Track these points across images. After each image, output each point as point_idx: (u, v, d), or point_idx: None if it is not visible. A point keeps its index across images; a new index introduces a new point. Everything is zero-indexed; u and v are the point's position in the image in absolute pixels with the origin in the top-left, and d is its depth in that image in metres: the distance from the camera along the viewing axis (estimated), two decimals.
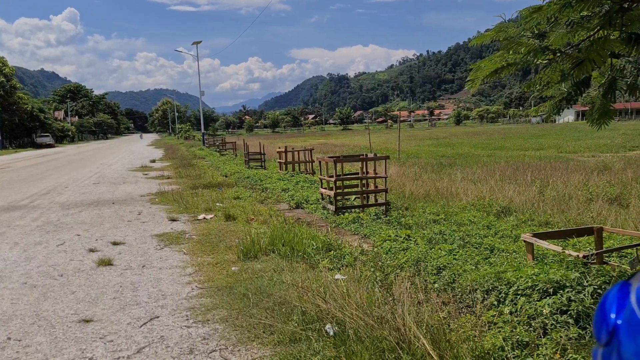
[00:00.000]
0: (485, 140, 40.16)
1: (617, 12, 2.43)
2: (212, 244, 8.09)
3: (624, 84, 3.82)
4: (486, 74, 2.90)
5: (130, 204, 13.21)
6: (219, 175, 19.56)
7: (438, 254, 6.20)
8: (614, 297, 0.59)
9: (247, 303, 5.22)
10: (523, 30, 3.01)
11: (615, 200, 10.40)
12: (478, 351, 3.75)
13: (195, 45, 53.15)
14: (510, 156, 23.41)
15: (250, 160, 23.30)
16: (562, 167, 16.63)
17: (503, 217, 9.13)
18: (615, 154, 23.25)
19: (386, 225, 8.79)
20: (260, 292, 5.46)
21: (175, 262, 7.19)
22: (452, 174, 16.06)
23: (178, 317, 5.08)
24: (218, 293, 5.70)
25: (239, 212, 10.49)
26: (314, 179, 15.36)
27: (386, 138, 50.10)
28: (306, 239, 7.23)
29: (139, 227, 9.96)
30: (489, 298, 4.70)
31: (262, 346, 4.30)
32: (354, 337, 4.08)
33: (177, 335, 4.61)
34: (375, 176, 11.08)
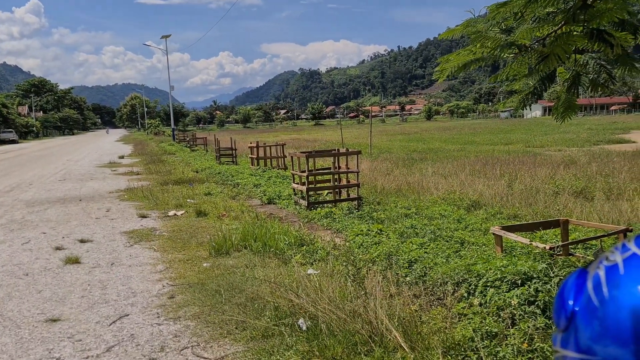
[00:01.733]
0: (455, 135, 40.68)
1: (580, 8, 2.49)
2: (183, 241, 8.00)
3: (587, 79, 3.91)
4: (455, 66, 2.94)
5: (98, 200, 12.95)
6: (190, 171, 19.33)
7: (409, 247, 6.26)
8: (572, 284, 0.60)
9: (219, 299, 5.18)
10: (491, 26, 3.05)
11: (581, 193, 10.66)
12: (448, 342, 3.81)
13: (164, 39, 52.33)
14: (480, 151, 23.77)
15: (221, 156, 23.09)
16: (530, 161, 16.96)
17: (473, 211, 9.27)
18: (581, 148, 23.85)
19: (358, 219, 8.82)
20: (232, 288, 5.42)
21: (146, 259, 7.08)
22: (423, 168, 16.22)
23: (148, 314, 5.01)
24: (189, 290, 5.64)
25: (210, 208, 10.39)
26: (286, 174, 15.33)
27: (358, 133, 50.30)
28: (278, 234, 7.22)
29: (107, 224, 9.78)
30: (459, 290, 4.77)
31: (234, 342, 4.28)
32: (326, 331, 4.10)
33: (148, 333, 4.55)
34: (347, 171, 11.11)
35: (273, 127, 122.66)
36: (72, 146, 51.97)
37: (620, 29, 3.29)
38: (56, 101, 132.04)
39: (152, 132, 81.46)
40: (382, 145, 29.66)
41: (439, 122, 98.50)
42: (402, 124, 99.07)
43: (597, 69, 3.84)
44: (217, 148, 23.50)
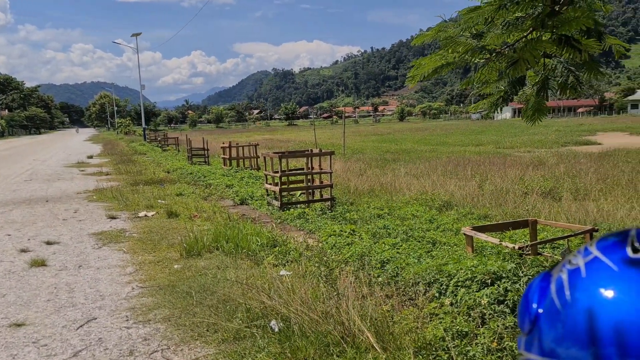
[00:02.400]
0: (427, 136, 41.12)
1: (549, 15, 2.54)
2: (153, 242, 7.88)
3: (555, 83, 3.98)
4: (426, 71, 2.96)
5: (65, 201, 12.66)
6: (161, 172, 19.06)
7: (382, 248, 6.30)
8: (536, 287, 0.61)
9: (190, 301, 5.12)
10: (462, 31, 3.08)
11: (549, 193, 10.89)
12: (420, 342, 3.84)
13: (134, 37, 51.51)
14: (452, 152, 24.08)
15: (193, 156, 22.84)
16: (500, 162, 17.24)
17: (445, 211, 9.38)
18: (549, 149, 24.36)
19: (331, 220, 8.84)
20: (203, 290, 5.36)
21: (115, 261, 6.95)
22: (396, 169, 16.34)
23: (117, 318, 4.91)
24: (160, 292, 5.55)
25: (181, 209, 10.26)
26: (259, 175, 15.25)
27: (331, 133, 50.40)
28: (251, 235, 7.17)
29: (75, 225, 9.56)
30: (430, 290, 4.82)
31: (205, 345, 4.23)
32: (298, 332, 4.09)
33: (116, 337, 4.46)
34: (320, 172, 11.12)
35: (246, 127, 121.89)
36: (39, 145, 50.68)
37: (587, 35, 3.38)
38: (22, 99, 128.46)
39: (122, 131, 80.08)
40: (355, 146, 29.79)
41: (412, 123, 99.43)
42: (375, 125, 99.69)
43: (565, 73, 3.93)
44: (189, 148, 23.24)
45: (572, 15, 2.56)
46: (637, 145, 23.28)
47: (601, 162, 15.93)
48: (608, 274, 0.55)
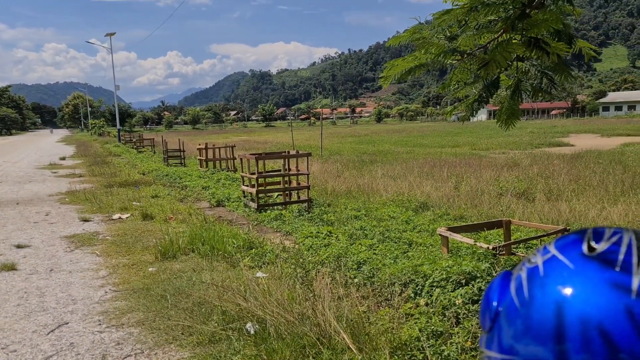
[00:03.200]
0: (404, 138, 41.42)
1: (519, 18, 2.58)
2: (127, 245, 7.76)
3: (528, 85, 4.04)
4: (399, 72, 2.98)
5: (37, 204, 12.39)
6: (136, 173, 18.80)
7: (358, 249, 6.31)
8: (496, 285, 0.62)
9: (165, 304, 5.05)
10: (437, 33, 3.11)
11: (523, 194, 11.06)
12: (396, 342, 3.86)
13: (108, 36, 50.75)
14: (428, 153, 24.30)
15: (169, 158, 22.60)
16: (476, 163, 17.46)
17: (421, 212, 9.45)
18: (523, 151, 24.75)
19: (308, 222, 8.83)
20: (178, 293, 5.30)
21: (87, 265, 6.82)
22: (373, 170, 16.42)
23: (90, 322, 4.82)
24: (134, 295, 5.47)
25: (157, 211, 10.14)
26: (236, 177, 15.17)
27: (309, 135, 50.42)
28: (227, 237, 7.12)
29: (46, 228, 9.36)
30: (406, 291, 4.85)
31: (180, 348, 4.18)
32: (274, 334, 4.07)
33: (89, 342, 4.38)
34: (297, 173, 11.10)
35: (223, 128, 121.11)
36: (9, 146, 49.53)
37: (557, 38, 3.44)
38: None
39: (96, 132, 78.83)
40: (332, 147, 29.84)
41: (389, 125, 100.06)
42: (352, 126, 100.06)
43: (537, 75, 4.00)
44: (164, 149, 23.00)
45: (541, 18, 2.61)
46: (608, 147, 23.83)
47: (573, 164, 16.24)
48: (565, 271, 0.56)
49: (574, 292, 0.54)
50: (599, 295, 0.52)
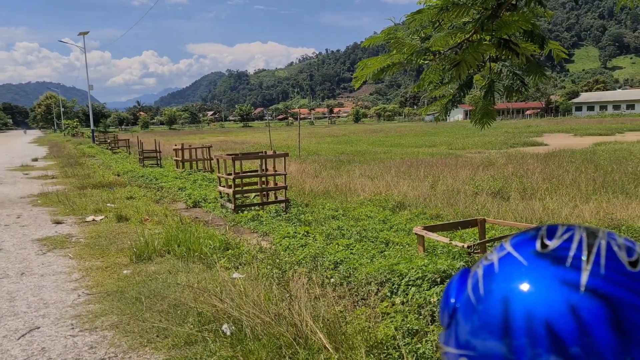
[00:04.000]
0: (382, 138, 41.64)
1: (489, 18, 2.62)
2: (101, 247, 7.64)
3: (501, 86, 4.10)
4: (372, 72, 3.00)
5: (7, 206, 12.11)
6: (111, 175, 18.52)
7: (335, 249, 6.32)
8: (455, 283, 0.63)
9: (140, 307, 4.99)
10: (410, 33, 3.13)
11: (498, 193, 11.21)
12: (372, 341, 3.87)
13: (82, 35, 49.90)
14: (405, 153, 24.46)
15: (144, 159, 22.33)
16: (452, 163, 17.64)
17: (398, 212, 9.51)
18: (499, 150, 25.10)
19: (286, 222, 8.82)
20: (154, 295, 5.24)
21: (60, 268, 6.70)
22: (351, 170, 16.47)
23: (62, 326, 4.74)
24: (108, 298, 5.39)
25: (132, 213, 10.00)
26: (213, 177, 15.06)
27: (287, 135, 50.34)
28: (203, 238, 7.07)
29: (17, 231, 9.16)
30: (382, 290, 4.87)
31: (155, 351, 4.13)
32: (251, 335, 4.05)
33: (61, 346, 4.30)
34: (274, 173, 11.07)
35: (200, 128, 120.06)
36: None
37: (530, 39, 3.49)
38: None
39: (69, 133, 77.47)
40: (310, 148, 29.85)
41: (367, 125, 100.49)
42: (330, 127, 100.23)
43: (510, 76, 4.06)
44: (140, 150, 22.70)
45: (511, 19, 2.65)
46: (580, 146, 24.31)
47: (547, 163, 16.54)
48: (518, 268, 0.57)
49: (525, 289, 0.55)
50: (548, 292, 0.54)
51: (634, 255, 0.56)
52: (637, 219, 7.51)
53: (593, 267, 0.54)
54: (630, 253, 0.56)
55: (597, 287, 0.53)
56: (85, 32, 49.71)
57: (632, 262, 0.55)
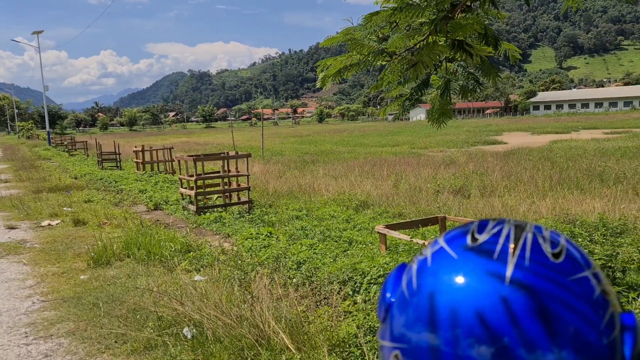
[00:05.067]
0: (346, 138, 41.84)
1: (442, 20, 2.67)
2: (57, 252, 7.42)
3: (457, 85, 4.17)
4: (333, 72, 3.01)
5: None
6: (68, 178, 18.01)
7: (299, 249, 6.31)
8: (391, 277, 0.64)
9: (97, 313, 4.87)
10: (368, 34, 3.16)
11: (459, 191, 11.41)
12: (334, 340, 3.89)
13: (36, 34, 48.36)
14: (369, 152, 24.65)
15: (103, 161, 21.81)
16: (415, 162, 17.86)
17: (361, 211, 9.57)
18: (460, 149, 25.56)
19: (249, 223, 8.76)
20: (112, 300, 5.12)
21: (13, 275, 6.46)
22: (315, 170, 16.48)
23: (15, 334, 4.57)
24: (64, 305, 5.23)
25: (90, 217, 9.75)
26: (174, 179, 14.83)
27: (250, 136, 50.04)
28: (164, 241, 6.95)
29: None
30: (345, 289, 4.89)
31: (113, 357, 4.04)
32: (212, 338, 4.01)
33: (14, 355, 4.15)
34: (237, 174, 10.98)
35: (162, 130, 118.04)
36: None
37: (484, 41, 3.58)
38: None
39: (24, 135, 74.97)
40: (274, 148, 29.76)
41: (331, 125, 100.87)
42: (294, 127, 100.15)
43: (465, 76, 4.14)
44: (99, 152, 22.16)
45: (465, 21, 2.71)
46: (538, 144, 25.02)
47: (506, 161, 16.93)
48: (449, 261, 0.58)
49: (455, 281, 0.56)
50: (478, 284, 0.55)
51: (557, 248, 0.57)
52: (590, 214, 7.77)
53: (518, 260, 0.55)
54: (554, 245, 0.58)
55: (521, 279, 0.54)
56: (40, 31, 48.22)
57: (555, 254, 0.57)
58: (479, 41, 3.70)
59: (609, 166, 13.58)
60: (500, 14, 3.99)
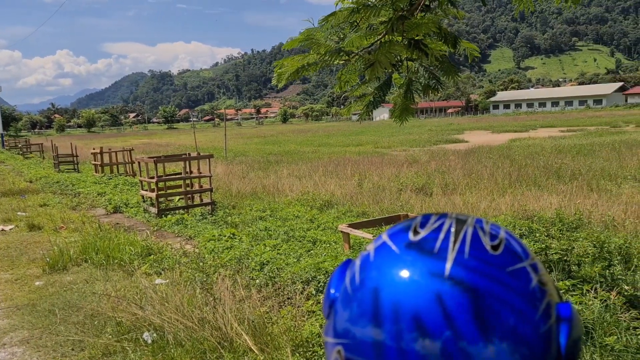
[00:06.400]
0: (310, 138, 41.84)
1: (398, 20, 2.69)
2: (11, 258, 7.15)
3: (418, 84, 4.21)
4: (290, 71, 3.00)
5: None
6: (22, 181, 17.40)
7: (262, 250, 6.27)
8: (336, 273, 0.63)
9: (53, 320, 4.71)
10: (329, 35, 3.16)
11: (421, 189, 11.55)
12: (297, 340, 3.87)
13: None
14: (333, 152, 24.71)
15: (60, 163, 21.18)
16: (378, 161, 18.00)
17: (325, 210, 9.58)
18: (422, 148, 25.90)
19: (212, 225, 8.65)
20: (69, 307, 4.97)
21: None
22: (279, 170, 16.42)
23: None
24: (18, 313, 5.05)
25: (45, 221, 9.44)
26: (135, 181, 14.52)
27: (213, 136, 49.50)
28: (123, 244, 6.79)
29: None
30: (308, 288, 4.88)
31: None
32: (173, 342, 3.93)
33: None
34: (199, 175, 10.83)
35: (122, 131, 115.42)
36: None
37: (444, 40, 3.62)
38: None
39: None
40: (238, 149, 29.53)
41: (295, 125, 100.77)
42: (258, 127, 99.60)
43: (426, 75, 4.19)
44: (55, 155, 21.52)
45: (421, 21, 2.73)
46: (497, 143, 25.59)
47: (467, 159, 17.24)
48: (391, 256, 0.58)
49: (395, 277, 0.56)
50: (416, 280, 0.54)
51: (496, 240, 0.58)
52: (548, 210, 7.99)
53: (457, 255, 0.55)
54: (493, 238, 0.58)
55: (459, 275, 0.54)
56: None
57: (494, 246, 0.57)
58: (437, 40, 3.75)
59: (565, 163, 14.00)
60: (459, 13, 4.06)
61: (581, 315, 3.85)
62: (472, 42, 3.95)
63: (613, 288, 4.34)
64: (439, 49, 3.10)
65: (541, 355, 0.54)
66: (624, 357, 3.43)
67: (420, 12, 3.44)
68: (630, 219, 7.05)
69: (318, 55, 2.84)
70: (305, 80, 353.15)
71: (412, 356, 0.52)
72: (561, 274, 4.93)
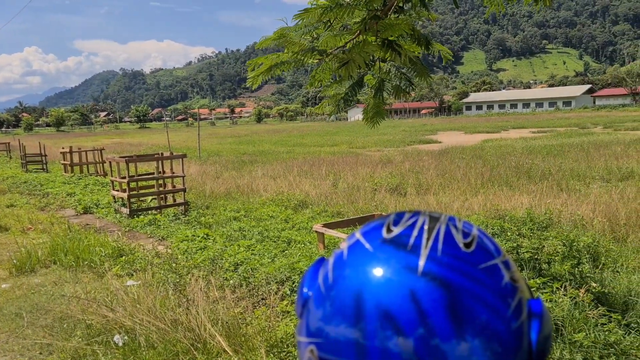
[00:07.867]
0: (285, 138, 41.74)
1: (372, 19, 2.70)
2: None
3: (390, 85, 4.23)
4: (263, 70, 2.98)
5: None
6: None
7: (236, 250, 6.23)
8: (310, 272, 0.63)
9: (20, 323, 4.59)
10: (303, 34, 3.14)
11: (396, 189, 11.64)
12: (272, 340, 3.85)
13: None
14: (308, 152, 24.69)
15: (28, 163, 20.68)
16: (352, 161, 18.06)
17: (300, 210, 9.56)
18: (397, 148, 26.10)
19: (185, 225, 8.56)
20: (36, 310, 4.85)
21: None
22: (253, 170, 16.34)
23: None
24: None
25: (12, 222, 9.21)
26: (106, 181, 14.27)
27: (187, 136, 48.98)
28: (94, 246, 6.66)
29: None
30: (283, 288, 4.87)
31: None
32: (145, 344, 3.87)
33: None
34: (172, 175, 10.70)
35: (92, 130, 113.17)
36: None
37: (416, 42, 3.65)
38: None
39: None
40: (211, 149, 29.27)
41: (269, 125, 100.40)
42: (232, 127, 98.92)
43: (398, 76, 4.21)
44: (22, 154, 20.99)
45: (394, 21, 2.75)
46: (470, 143, 25.95)
47: (440, 159, 17.42)
48: (364, 254, 0.58)
49: (369, 275, 0.55)
50: (390, 277, 0.54)
51: (469, 237, 0.58)
52: (519, 209, 8.12)
53: (430, 252, 0.55)
54: (466, 235, 0.58)
55: (432, 271, 0.54)
56: None
57: (467, 243, 0.57)
58: (411, 42, 3.77)
59: (535, 163, 14.27)
60: (432, 15, 4.09)
61: (551, 313, 3.93)
62: (445, 43, 4.04)
63: (582, 285, 4.44)
64: (412, 50, 3.12)
65: (513, 352, 0.54)
66: (592, 353, 3.50)
67: (394, 14, 3.46)
68: (598, 218, 7.22)
69: (292, 54, 2.83)
70: (279, 80, 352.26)
71: (386, 354, 0.52)
72: (532, 272, 5.02)
